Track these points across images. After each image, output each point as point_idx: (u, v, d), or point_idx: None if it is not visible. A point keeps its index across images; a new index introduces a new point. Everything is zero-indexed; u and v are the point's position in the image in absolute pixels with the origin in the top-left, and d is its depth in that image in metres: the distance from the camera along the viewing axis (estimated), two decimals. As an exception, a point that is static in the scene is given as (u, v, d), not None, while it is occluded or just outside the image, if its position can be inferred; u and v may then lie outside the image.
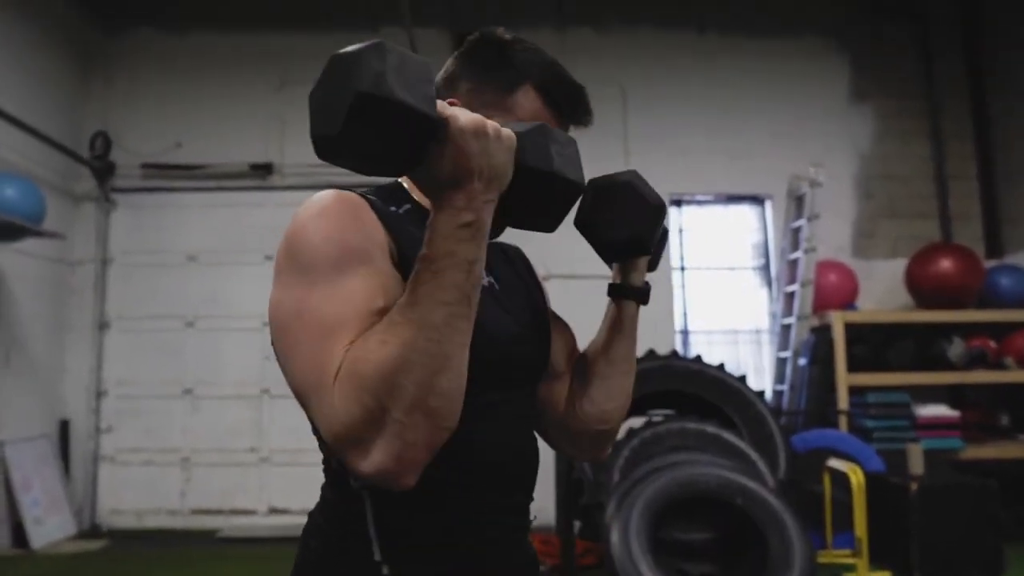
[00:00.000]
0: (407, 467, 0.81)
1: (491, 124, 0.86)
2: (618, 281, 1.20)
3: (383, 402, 0.79)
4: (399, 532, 0.96)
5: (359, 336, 0.83)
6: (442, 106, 0.83)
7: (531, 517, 1.12)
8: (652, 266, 1.25)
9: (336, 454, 0.83)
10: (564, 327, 1.28)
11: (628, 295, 1.19)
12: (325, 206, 0.94)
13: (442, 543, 0.98)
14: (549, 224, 0.99)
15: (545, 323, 1.20)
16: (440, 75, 1.09)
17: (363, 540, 0.96)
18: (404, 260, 0.93)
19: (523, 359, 1.10)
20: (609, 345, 1.20)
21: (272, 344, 0.93)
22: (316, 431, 0.98)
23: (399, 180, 1.11)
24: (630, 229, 1.10)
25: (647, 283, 1.22)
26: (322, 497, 1.05)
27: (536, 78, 1.04)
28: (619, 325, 1.20)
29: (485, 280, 1.07)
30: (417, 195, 1.07)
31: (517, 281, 1.20)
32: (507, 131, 0.88)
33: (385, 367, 0.79)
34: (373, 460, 0.80)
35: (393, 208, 1.02)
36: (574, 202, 0.99)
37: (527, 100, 1.03)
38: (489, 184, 0.85)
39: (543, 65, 1.05)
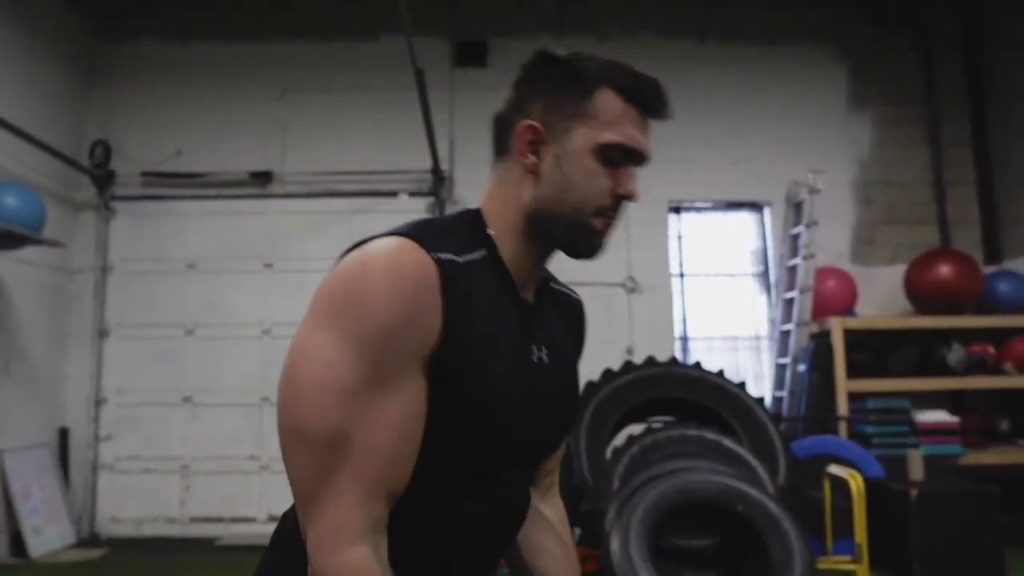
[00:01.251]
0: None
1: None
2: None
3: None
4: None
5: (372, 498, 0.88)
6: None
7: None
8: None
9: (299, 521, 0.92)
10: None
11: None
12: (399, 275, 0.89)
13: (406, 563, 0.98)
14: None
15: (574, 405, 1.17)
16: (504, 106, 1.06)
17: None
18: (445, 352, 0.91)
19: (539, 444, 1.10)
20: None
21: (284, 371, 0.93)
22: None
23: (479, 208, 1.06)
24: None
25: None
26: (292, 509, 1.05)
27: (611, 80, 1.01)
28: None
29: (534, 355, 1.04)
30: (497, 229, 1.04)
31: (567, 353, 1.15)
32: None
33: None
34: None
35: (465, 256, 0.97)
36: None
37: (607, 102, 1.00)
38: None
39: (614, 67, 1.03)
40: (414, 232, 0.95)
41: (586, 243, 1.04)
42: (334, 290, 0.91)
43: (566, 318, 1.19)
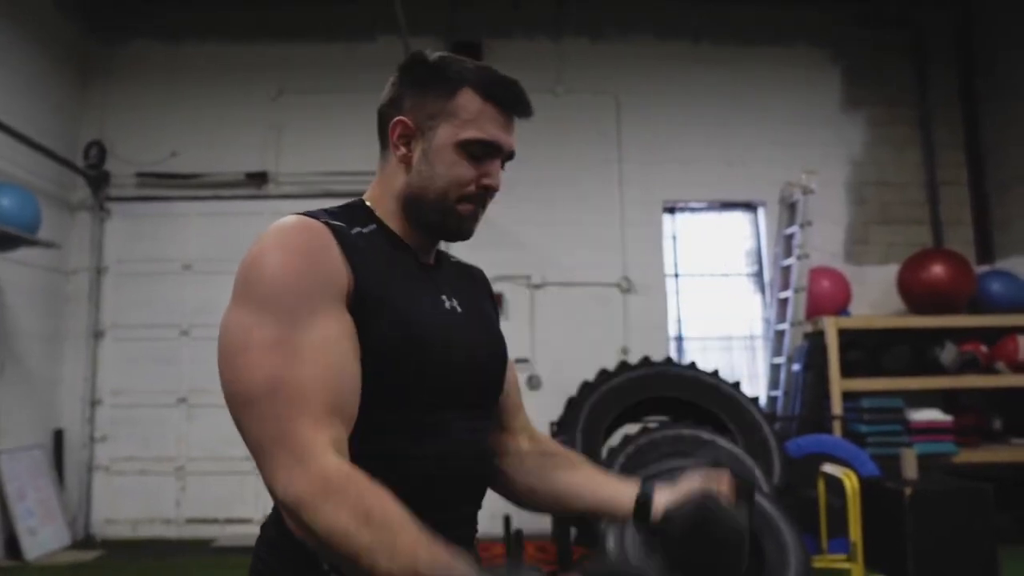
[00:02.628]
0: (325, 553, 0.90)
1: None
2: (653, 519, 1.17)
3: (322, 544, 0.86)
4: None
5: (322, 418, 0.90)
6: None
7: (477, 526, 1.16)
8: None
9: (270, 494, 0.91)
10: (511, 369, 1.30)
11: (645, 527, 1.19)
12: (287, 238, 0.99)
13: None
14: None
15: (502, 350, 1.23)
16: (382, 102, 1.15)
17: (311, 551, 0.98)
18: (360, 293, 0.99)
19: (479, 384, 1.15)
20: (589, 507, 1.23)
21: (217, 358, 0.98)
22: (248, 446, 1.01)
23: (363, 199, 1.16)
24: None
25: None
26: (274, 508, 1.07)
27: (472, 80, 1.09)
28: (611, 517, 1.24)
29: (447, 304, 1.12)
30: (381, 212, 1.13)
31: (479, 306, 1.23)
32: None
33: (341, 548, 0.85)
34: (299, 534, 0.89)
35: (357, 229, 1.06)
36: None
37: (468, 100, 1.08)
38: None
39: (476, 68, 1.11)
40: (303, 213, 1.04)
41: (454, 226, 1.12)
42: (238, 273, 0.99)
43: (470, 279, 1.27)
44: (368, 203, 1.15)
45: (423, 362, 1.03)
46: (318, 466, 0.87)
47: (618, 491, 1.19)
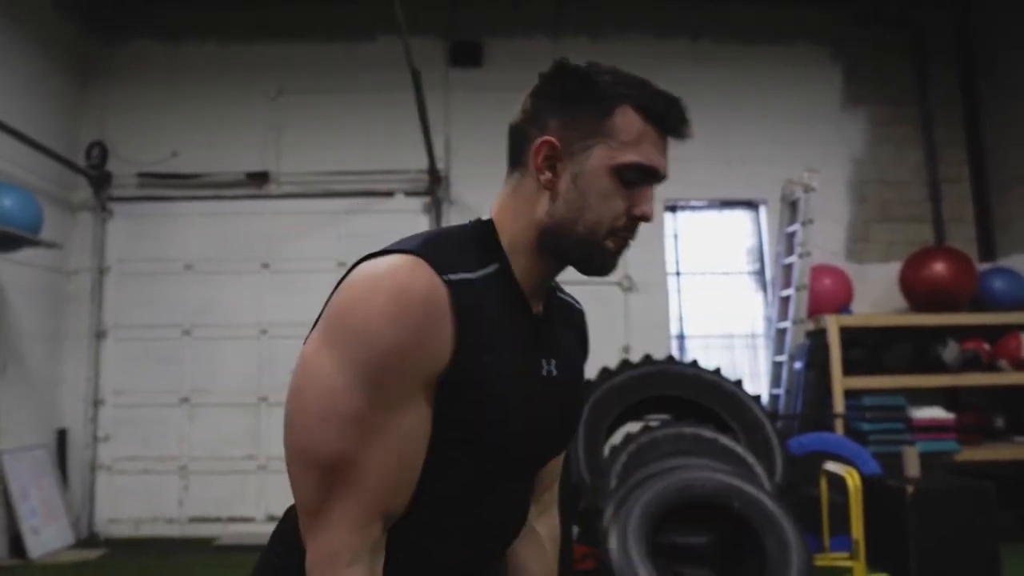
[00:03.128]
0: None
1: None
2: None
3: None
4: None
5: (373, 521, 0.91)
6: None
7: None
8: None
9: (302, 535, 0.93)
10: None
11: None
12: (405, 299, 0.89)
13: (409, 557, 1.00)
14: None
15: (576, 417, 1.17)
16: (520, 117, 1.04)
17: None
18: (456, 371, 0.92)
19: (543, 455, 1.12)
20: None
21: (289, 391, 0.94)
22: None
23: (491, 220, 1.06)
24: None
25: None
26: (292, 508, 1.07)
27: (631, 97, 0.99)
28: None
29: (544, 369, 1.05)
30: (508, 241, 1.03)
31: (575, 361, 1.16)
32: None
33: None
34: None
35: (479, 272, 0.97)
36: None
37: (627, 121, 0.99)
38: None
39: (634, 83, 1.01)
40: (424, 249, 0.94)
41: (599, 262, 1.03)
42: (341, 310, 0.91)
43: (571, 326, 1.19)
44: (497, 229, 1.04)
45: (496, 445, 0.98)
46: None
47: None
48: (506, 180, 1.06)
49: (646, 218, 1.01)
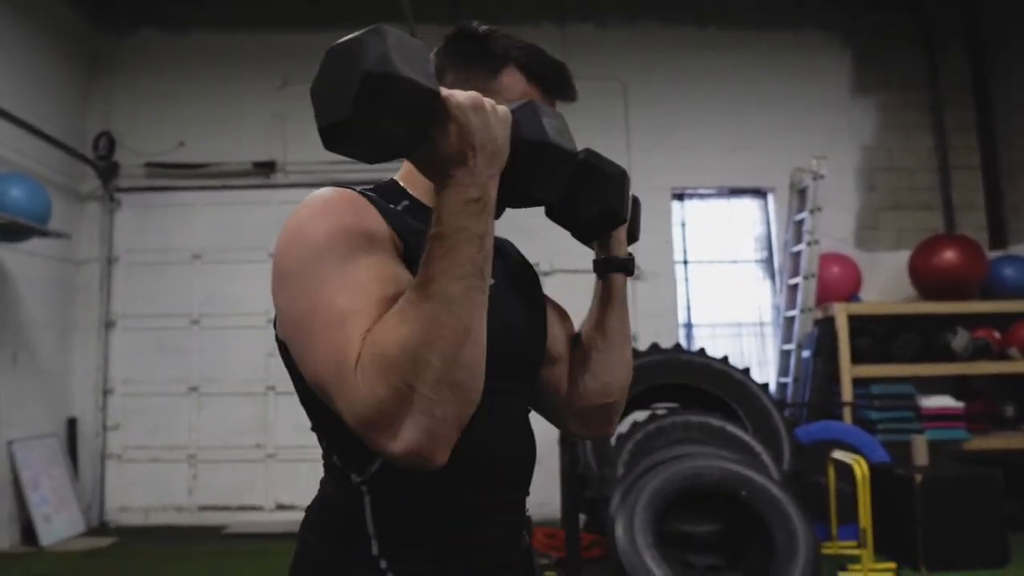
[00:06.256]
0: (439, 443, 0.82)
1: (487, 100, 0.88)
2: (602, 256, 1.23)
3: (409, 379, 0.79)
4: (397, 527, 0.98)
5: (375, 322, 0.84)
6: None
7: (527, 512, 1.13)
8: (633, 236, 1.27)
9: (364, 438, 0.82)
10: (562, 313, 1.29)
11: (613, 267, 1.22)
12: (326, 202, 0.96)
13: (439, 538, 0.99)
14: (549, 194, 1.01)
15: (541, 315, 1.21)
16: None
17: (362, 534, 0.98)
18: (408, 253, 0.96)
19: (519, 354, 1.11)
20: (602, 319, 1.23)
21: (287, 347, 0.94)
22: (318, 428, 1.00)
23: (394, 178, 1.14)
24: (601, 203, 1.13)
25: (630, 254, 1.24)
26: (321, 492, 1.06)
27: (518, 58, 1.07)
28: (609, 298, 1.23)
29: None
30: (413, 190, 1.10)
31: (512, 274, 1.20)
32: (502, 107, 0.91)
33: (409, 344, 0.79)
34: (404, 439, 0.80)
35: (392, 205, 1.04)
36: (569, 170, 1.01)
37: (512, 80, 1.07)
38: (491, 159, 0.87)
39: (522, 47, 1.09)
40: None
41: None
42: (279, 252, 0.96)
43: (503, 256, 1.21)
44: (400, 182, 1.12)
45: None
46: (362, 354, 0.81)
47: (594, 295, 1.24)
48: None
49: None
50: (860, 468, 3.92)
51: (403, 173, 1.14)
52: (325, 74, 0.86)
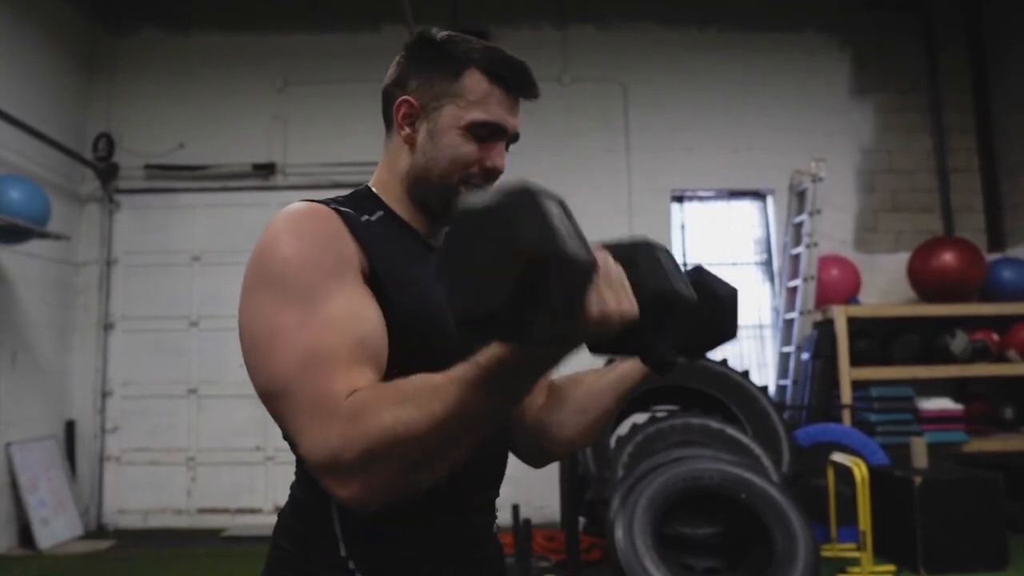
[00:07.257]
0: (382, 501, 0.83)
1: (614, 267, 0.79)
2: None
3: (383, 459, 0.80)
4: (364, 530, 0.99)
5: (355, 370, 0.86)
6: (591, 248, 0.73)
7: (496, 511, 1.15)
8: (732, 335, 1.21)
9: (312, 470, 0.85)
10: None
11: (664, 369, 1.07)
12: (296, 222, 0.97)
13: (407, 540, 1.00)
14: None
15: None
16: (388, 81, 1.14)
17: (330, 538, 1.00)
18: (375, 274, 0.97)
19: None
20: (606, 396, 1.19)
21: (243, 353, 0.96)
22: (287, 436, 0.99)
23: (369, 185, 1.15)
24: (715, 332, 1.12)
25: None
26: (291, 496, 1.09)
27: (478, 60, 1.08)
28: (631, 383, 1.18)
29: None
30: (388, 199, 1.12)
31: None
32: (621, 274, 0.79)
33: (399, 435, 0.78)
34: (351, 489, 0.82)
35: (365, 217, 1.05)
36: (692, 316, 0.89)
37: (474, 82, 1.07)
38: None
39: (482, 49, 1.09)
40: (309, 200, 1.03)
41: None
42: (251, 263, 0.97)
43: None
44: (374, 189, 1.13)
45: (432, 341, 0.98)
46: (346, 405, 0.83)
47: (621, 367, 1.19)
48: (383, 143, 1.16)
49: (496, 169, 1.09)
50: (859, 470, 3.92)
51: (377, 179, 1.15)
52: (461, 241, 0.69)
